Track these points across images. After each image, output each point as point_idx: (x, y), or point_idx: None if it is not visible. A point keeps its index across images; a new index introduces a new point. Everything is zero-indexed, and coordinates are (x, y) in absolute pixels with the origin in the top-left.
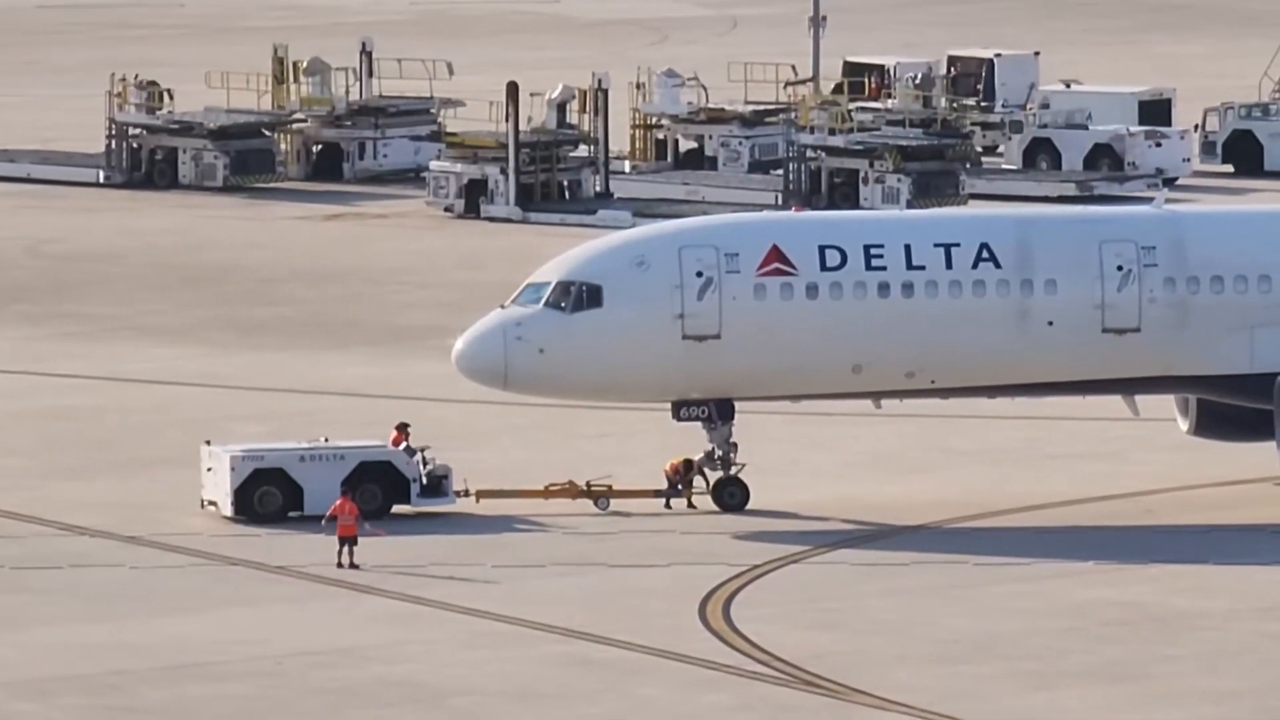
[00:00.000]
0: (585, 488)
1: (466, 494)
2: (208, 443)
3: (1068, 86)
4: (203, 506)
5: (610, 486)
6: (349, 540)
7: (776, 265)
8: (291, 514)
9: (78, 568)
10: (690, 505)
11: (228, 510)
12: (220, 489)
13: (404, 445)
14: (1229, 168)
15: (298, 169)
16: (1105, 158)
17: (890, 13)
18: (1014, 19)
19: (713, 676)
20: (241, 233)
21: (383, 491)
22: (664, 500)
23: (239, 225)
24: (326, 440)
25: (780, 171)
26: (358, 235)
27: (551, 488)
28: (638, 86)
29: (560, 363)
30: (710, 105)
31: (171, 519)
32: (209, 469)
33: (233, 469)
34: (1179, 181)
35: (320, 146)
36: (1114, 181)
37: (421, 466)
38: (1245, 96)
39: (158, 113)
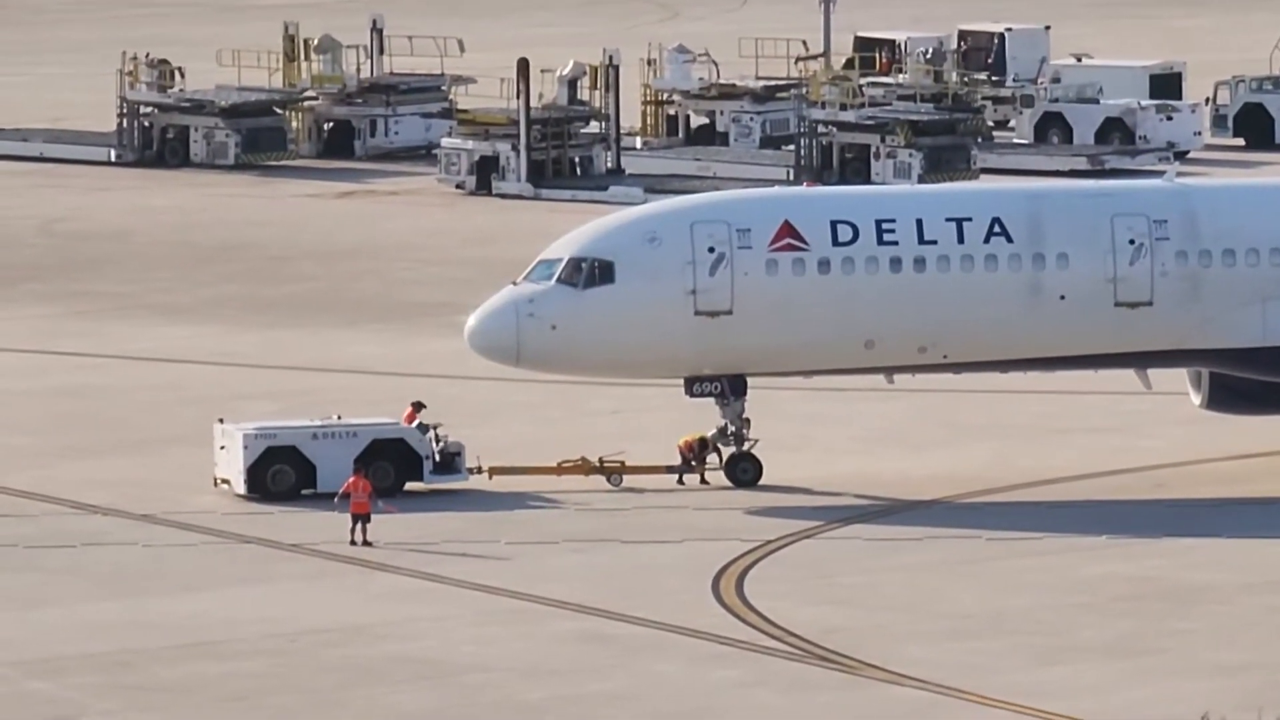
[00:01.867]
0: (598, 464)
1: (480, 471)
2: (221, 421)
3: (1079, 60)
4: (215, 484)
5: (623, 463)
6: (362, 517)
7: (788, 240)
8: (304, 492)
9: (90, 546)
10: (703, 481)
11: (241, 488)
12: (233, 467)
13: (417, 423)
14: (1240, 141)
15: (309, 147)
16: (1116, 131)
17: None
18: None
19: (726, 652)
20: (253, 211)
21: (396, 469)
22: (677, 476)
23: (250, 203)
24: (339, 418)
25: (792, 147)
26: (369, 213)
27: (564, 464)
28: (649, 62)
29: (572, 339)
30: (721, 81)
31: (184, 497)
32: (222, 447)
33: (245, 447)
34: (1190, 155)
35: (331, 124)
36: (1125, 155)
37: (434, 444)
38: (1256, 70)
39: (169, 91)
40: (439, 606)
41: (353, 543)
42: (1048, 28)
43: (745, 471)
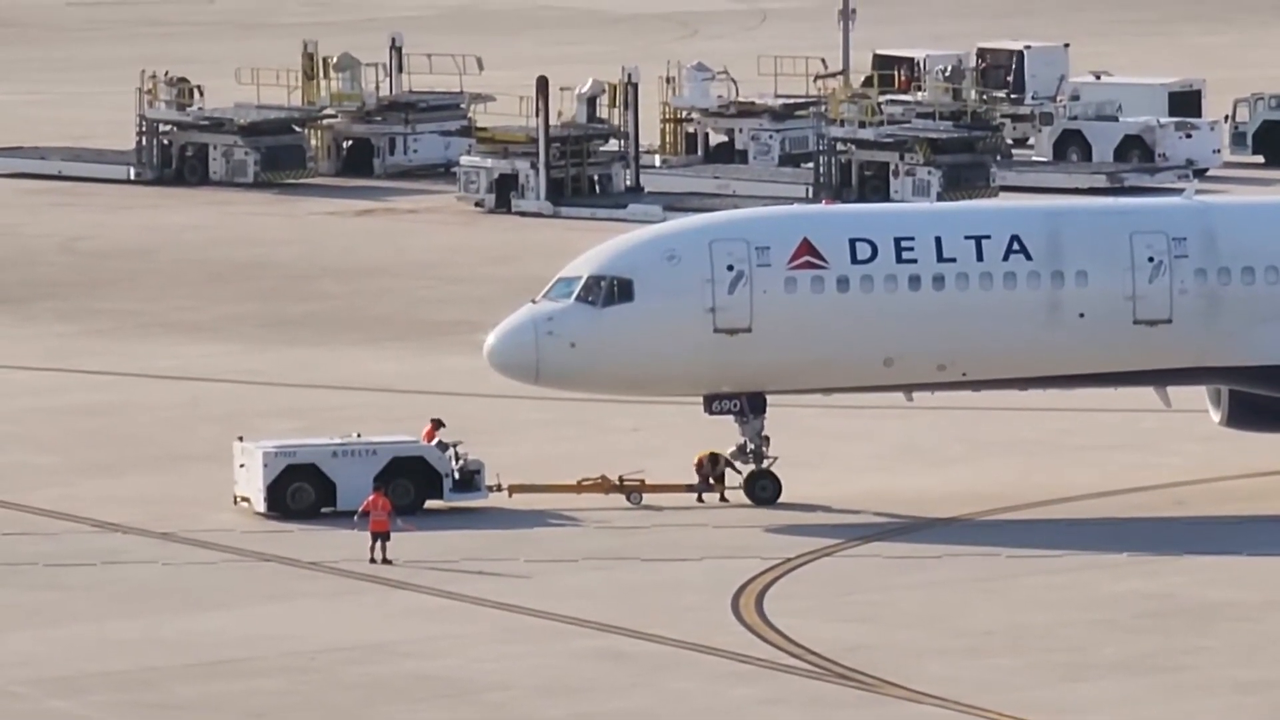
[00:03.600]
0: (618, 482)
1: (499, 489)
2: (240, 439)
3: (1098, 78)
4: (236, 502)
5: (643, 481)
6: (381, 535)
7: (807, 258)
8: (324, 510)
9: (110, 564)
10: (723, 499)
11: (260, 506)
12: (253, 485)
13: (436, 440)
14: (1259, 158)
15: (328, 165)
16: (1135, 149)
17: (919, 5)
18: (1043, 10)
19: (745, 670)
20: (272, 229)
21: (415, 487)
22: (696, 495)
23: (269, 221)
24: (359, 436)
25: (810, 165)
26: (388, 230)
27: (584, 482)
28: (667, 80)
29: (591, 357)
30: (740, 99)
31: (204, 515)
32: (241, 465)
33: (265, 465)
34: (1209, 172)
35: (350, 142)
36: (1144, 173)
37: (454, 462)
38: (1275, 87)
39: (188, 109)
40: (459, 624)
41: (372, 560)
42: (1067, 45)
43: (765, 489)
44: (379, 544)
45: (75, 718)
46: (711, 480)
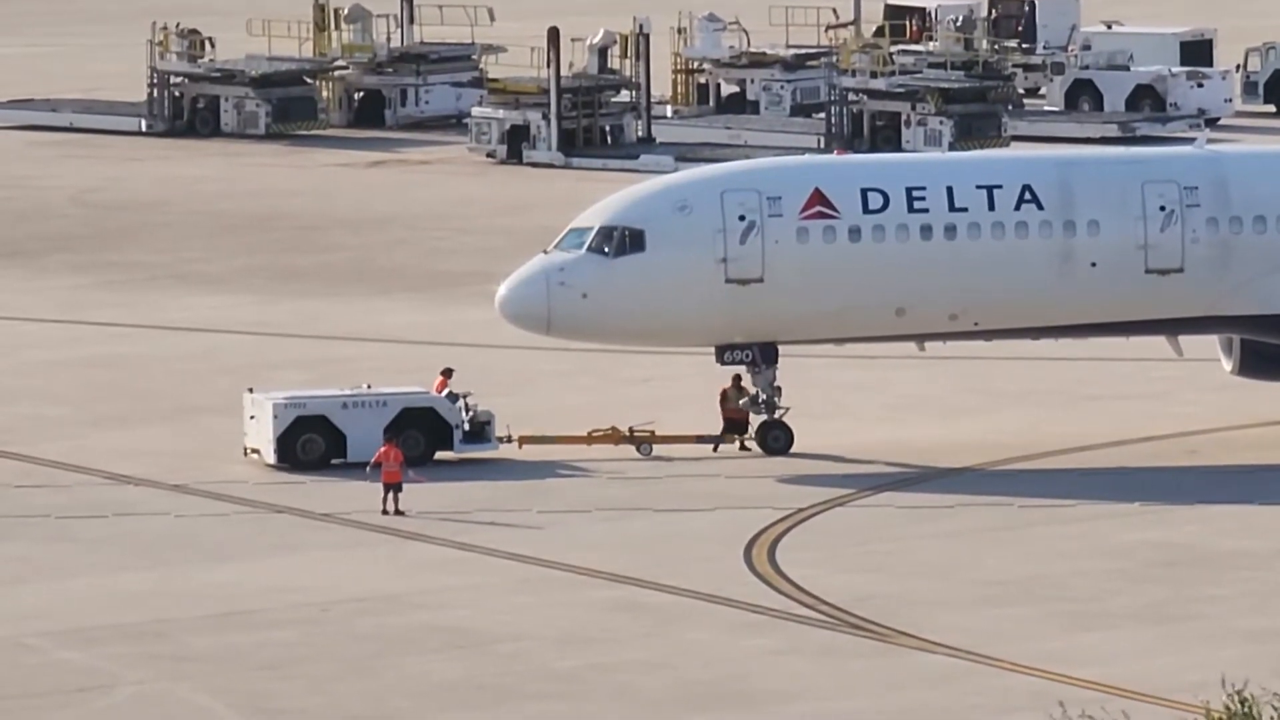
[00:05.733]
0: (628, 433)
1: (509, 440)
2: (250, 390)
3: (1109, 27)
4: (246, 454)
5: (653, 432)
6: (394, 487)
7: (819, 208)
8: (334, 461)
9: (123, 516)
10: (743, 448)
11: (270, 458)
12: (263, 436)
13: (446, 391)
14: (1271, 108)
15: (339, 116)
16: (1147, 98)
17: None
18: None
19: (758, 620)
20: (284, 180)
21: (426, 438)
22: (713, 446)
23: (281, 173)
24: (369, 387)
25: (822, 115)
26: (400, 182)
27: (594, 433)
28: (679, 31)
29: (603, 308)
30: (752, 49)
31: (216, 467)
32: (251, 416)
33: (275, 416)
34: (1221, 122)
35: (362, 93)
36: (1156, 122)
37: (464, 412)
38: None
39: (199, 61)
40: (471, 575)
41: (384, 512)
42: None
43: (777, 439)
44: (391, 495)
45: (88, 669)
46: (735, 417)
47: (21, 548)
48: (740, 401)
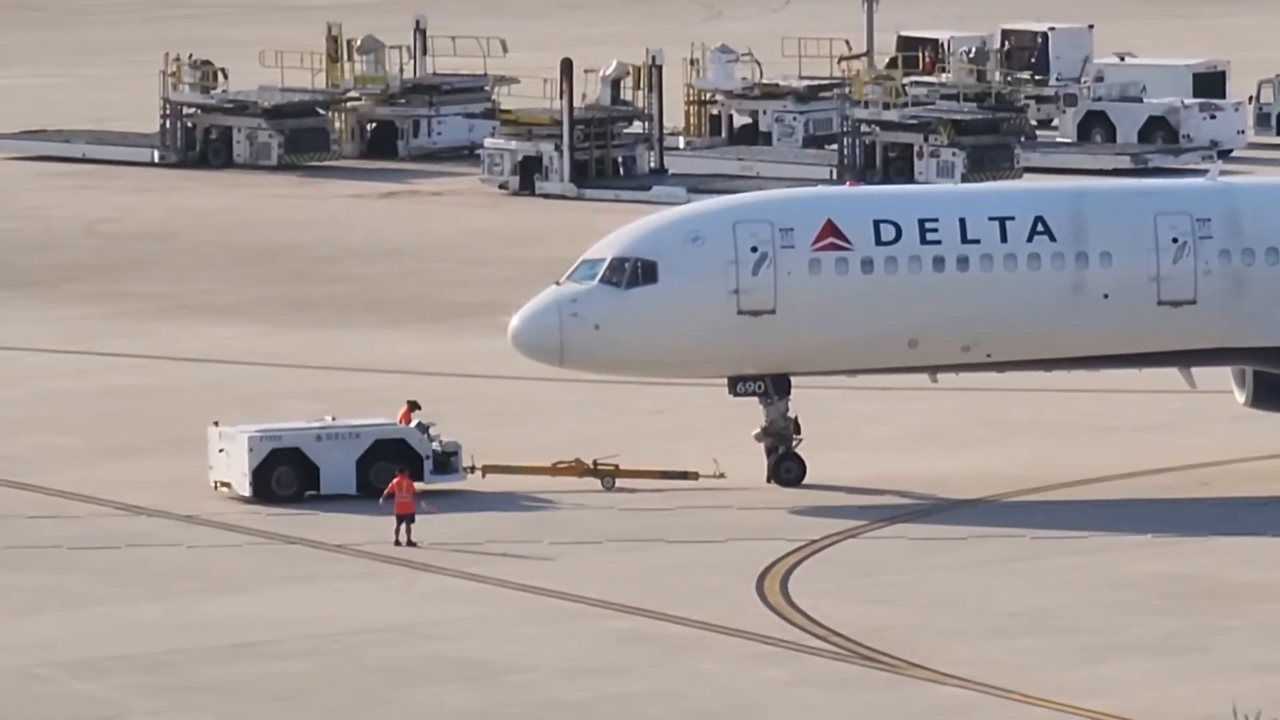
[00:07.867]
0: (592, 466)
1: (474, 470)
2: (216, 424)
3: (1122, 59)
4: (215, 488)
5: (617, 466)
6: (406, 518)
7: (831, 240)
8: (308, 494)
9: (135, 547)
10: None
11: (245, 491)
12: (236, 469)
13: (415, 423)
14: None
15: (352, 147)
16: (1160, 130)
17: None
18: None
19: (770, 651)
20: (296, 211)
21: (398, 469)
22: (687, 476)
23: (293, 204)
24: (334, 419)
25: (834, 146)
26: (412, 213)
27: (559, 464)
28: (692, 62)
29: (615, 339)
30: (764, 80)
31: (228, 498)
32: (221, 450)
33: (250, 449)
34: (1233, 153)
35: (374, 124)
36: (1169, 154)
37: (431, 443)
38: None
39: (212, 92)
40: (483, 606)
41: (397, 543)
42: (1091, 27)
43: (789, 471)
44: (404, 526)
45: (100, 700)
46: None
47: (33, 578)
48: (753, 434)
